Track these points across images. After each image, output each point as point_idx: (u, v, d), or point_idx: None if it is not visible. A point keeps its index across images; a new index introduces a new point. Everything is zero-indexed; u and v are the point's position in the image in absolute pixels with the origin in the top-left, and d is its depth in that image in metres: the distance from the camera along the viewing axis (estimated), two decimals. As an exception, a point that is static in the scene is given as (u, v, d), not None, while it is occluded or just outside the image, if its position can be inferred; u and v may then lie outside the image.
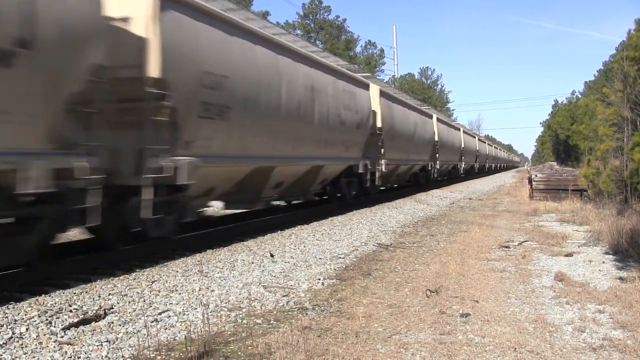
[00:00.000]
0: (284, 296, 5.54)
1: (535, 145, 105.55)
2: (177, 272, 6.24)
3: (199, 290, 5.58)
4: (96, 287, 5.45)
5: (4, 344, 3.87)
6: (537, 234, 10.31)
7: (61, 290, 5.27)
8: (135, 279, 5.82)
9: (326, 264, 7.20)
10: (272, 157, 9.54)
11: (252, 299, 5.43)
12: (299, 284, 6.08)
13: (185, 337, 4.15)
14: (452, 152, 29.17)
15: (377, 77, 37.44)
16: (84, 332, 4.23)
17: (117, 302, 4.96)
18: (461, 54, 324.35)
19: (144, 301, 5.08)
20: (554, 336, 4.42)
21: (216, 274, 6.30)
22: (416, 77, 67.09)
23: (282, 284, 6.08)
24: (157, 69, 6.49)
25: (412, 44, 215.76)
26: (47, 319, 4.36)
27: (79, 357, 3.77)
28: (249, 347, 4.05)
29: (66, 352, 3.81)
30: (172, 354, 3.90)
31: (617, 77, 15.95)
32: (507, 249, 8.56)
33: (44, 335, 4.08)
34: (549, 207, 15.07)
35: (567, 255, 8.04)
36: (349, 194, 14.09)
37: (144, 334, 4.18)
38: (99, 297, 5.08)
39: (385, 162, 15.58)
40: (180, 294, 5.40)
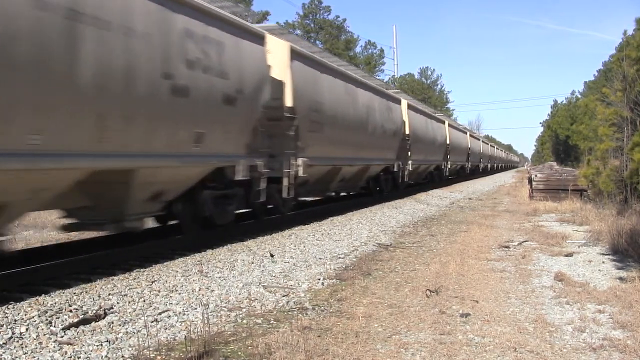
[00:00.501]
0: (284, 296, 5.54)
1: (535, 145, 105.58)
2: (177, 272, 6.24)
3: (199, 290, 5.58)
4: (96, 287, 5.45)
5: (4, 344, 3.87)
6: (537, 234, 10.31)
7: (61, 290, 5.28)
8: (135, 279, 5.82)
9: (326, 264, 7.20)
10: (342, 158, 13.04)
11: (252, 299, 5.43)
12: (299, 284, 6.08)
13: (185, 337, 4.14)
14: (460, 153, 32.41)
15: (377, 77, 37.43)
16: (84, 332, 4.23)
17: (117, 302, 4.96)
18: (461, 54, 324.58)
19: (144, 301, 5.08)
20: (554, 336, 4.42)
21: (216, 274, 6.30)
22: (416, 77, 67.14)
23: (282, 284, 6.08)
24: (290, 100, 9.93)
25: (412, 44, 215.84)
26: (47, 319, 4.36)
27: (79, 357, 3.77)
28: (249, 347, 4.05)
29: (66, 352, 3.81)
30: (172, 354, 3.90)
31: (616, 77, 15.95)
32: (507, 249, 8.57)
33: (44, 335, 4.08)
34: (549, 207, 15.07)
35: (567, 255, 8.04)
36: (386, 188, 17.49)
37: (144, 334, 4.18)
38: (99, 297, 5.08)
39: (411, 162, 19.26)
40: (180, 294, 5.41)
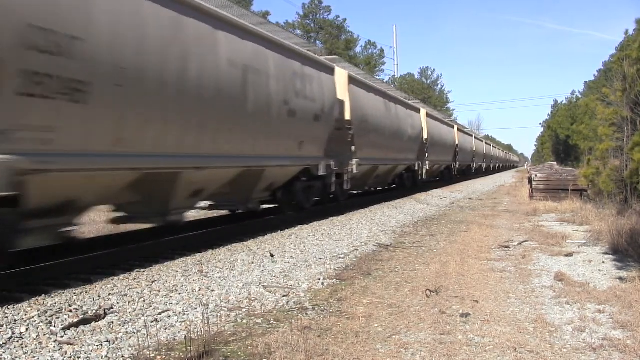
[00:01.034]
0: (284, 296, 5.54)
1: (535, 145, 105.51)
2: (177, 272, 6.24)
3: (199, 290, 5.58)
4: (96, 287, 5.45)
5: (4, 344, 3.87)
6: (537, 234, 10.31)
7: (61, 290, 5.28)
8: (135, 279, 5.83)
9: (326, 264, 7.20)
10: (379, 158, 15.95)
11: (252, 299, 5.43)
12: (299, 284, 6.08)
13: (185, 337, 4.15)
14: (466, 154, 30.10)
15: (377, 77, 37.39)
16: (84, 332, 4.23)
17: (117, 302, 4.96)
18: (461, 54, 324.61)
19: (144, 301, 5.08)
20: (554, 336, 4.42)
21: (216, 274, 6.30)
22: (416, 77, 67.17)
23: (282, 284, 6.08)
24: (348, 115, 13.22)
25: (412, 44, 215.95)
26: (47, 319, 4.36)
27: (79, 357, 3.77)
28: (249, 347, 4.05)
29: (66, 352, 3.81)
30: (172, 354, 3.90)
31: (616, 77, 15.95)
32: (507, 249, 8.56)
33: (44, 335, 4.09)
34: (549, 207, 15.07)
35: (567, 255, 8.04)
36: (408, 184, 15.08)
37: (144, 334, 4.18)
38: (99, 297, 5.08)
39: (428, 162, 16.14)
40: (180, 294, 5.41)
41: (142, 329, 4.31)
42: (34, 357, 3.73)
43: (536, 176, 18.36)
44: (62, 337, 4.08)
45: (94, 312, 4.62)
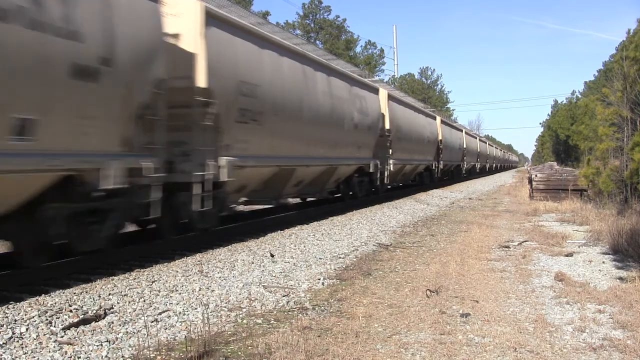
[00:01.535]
0: (284, 296, 5.54)
1: (535, 145, 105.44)
2: (177, 272, 6.24)
3: (199, 290, 5.58)
4: (96, 287, 5.45)
5: (4, 344, 3.87)
6: (537, 234, 10.31)
7: (61, 290, 5.28)
8: (135, 279, 5.83)
9: (326, 264, 7.20)
10: (403, 159, 18.46)
11: (252, 299, 5.43)
12: (299, 284, 6.08)
13: (185, 337, 4.14)
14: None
15: (377, 77, 37.44)
16: (84, 332, 4.23)
17: (117, 302, 4.96)
18: (461, 54, 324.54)
19: (144, 301, 5.08)
20: (554, 336, 4.42)
21: (216, 274, 6.30)
22: (416, 77, 67.13)
23: (282, 284, 6.08)
24: (388, 125, 16.70)
25: (412, 44, 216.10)
26: (47, 319, 4.36)
27: (79, 357, 3.77)
28: (249, 347, 4.05)
29: (66, 352, 3.81)
30: (172, 354, 3.90)
31: (616, 77, 15.95)
32: (507, 249, 8.56)
33: (44, 335, 4.08)
34: (549, 207, 15.07)
35: (567, 255, 8.04)
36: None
37: (144, 334, 4.18)
38: (99, 297, 5.08)
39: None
40: (180, 294, 5.40)
41: (142, 329, 4.31)
42: (34, 357, 3.73)
43: (536, 176, 18.36)
44: (62, 337, 4.08)
45: (94, 312, 4.62)
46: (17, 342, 3.92)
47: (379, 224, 11.53)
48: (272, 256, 7.41)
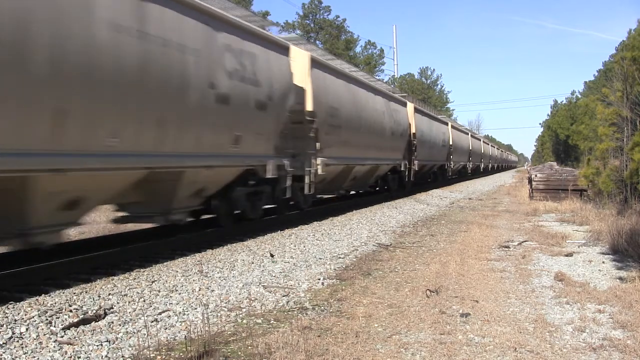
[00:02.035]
0: (284, 296, 5.54)
1: (535, 145, 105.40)
2: (177, 272, 6.24)
3: (199, 290, 5.58)
4: (96, 287, 5.45)
5: (4, 343, 3.87)
6: (537, 234, 10.31)
7: (61, 290, 5.28)
8: (135, 279, 5.83)
9: (326, 264, 7.20)
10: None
11: (252, 298, 5.43)
12: (299, 284, 6.08)
13: (185, 337, 4.15)
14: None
15: (377, 77, 37.46)
16: (84, 332, 4.23)
17: (117, 302, 4.96)
18: (461, 54, 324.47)
19: (144, 301, 5.08)
20: (554, 336, 4.42)
21: (216, 273, 6.30)
22: (416, 77, 67.13)
23: (282, 284, 6.08)
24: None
25: (412, 44, 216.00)
26: (47, 319, 4.36)
27: (79, 357, 3.77)
28: (249, 347, 4.05)
29: (66, 352, 3.81)
30: (172, 354, 3.90)
31: (616, 77, 15.95)
32: (507, 249, 8.56)
33: (44, 335, 4.08)
34: (549, 207, 15.07)
35: (567, 255, 8.04)
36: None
37: (144, 334, 4.18)
38: (99, 297, 5.08)
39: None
40: (180, 293, 5.41)
41: (142, 329, 4.31)
42: (34, 357, 3.73)
43: (536, 176, 18.36)
44: (62, 337, 4.08)
45: (94, 312, 4.61)
46: (17, 342, 3.92)
47: (379, 224, 11.53)
48: (272, 256, 7.42)
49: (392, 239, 9.69)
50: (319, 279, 6.29)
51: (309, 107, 10.94)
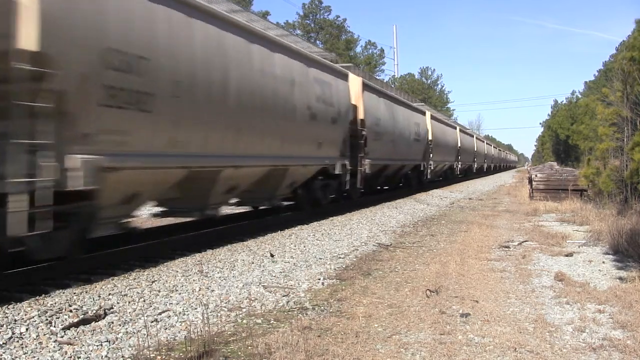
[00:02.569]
0: (284, 296, 5.54)
1: (535, 145, 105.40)
2: (177, 272, 6.24)
3: (199, 290, 5.58)
4: (96, 287, 5.45)
5: (4, 343, 3.87)
6: (537, 234, 10.30)
7: (61, 290, 5.28)
8: (135, 279, 5.83)
9: (326, 264, 7.20)
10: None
11: (252, 298, 5.43)
12: (299, 284, 6.08)
13: (185, 337, 4.15)
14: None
15: (377, 77, 37.44)
16: (84, 332, 4.23)
17: (117, 302, 4.96)
18: (461, 54, 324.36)
19: (144, 301, 5.08)
20: (554, 336, 4.42)
21: (216, 274, 6.30)
22: (416, 77, 67.16)
23: (282, 284, 6.08)
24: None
25: (412, 44, 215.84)
26: (47, 319, 4.36)
27: (79, 357, 3.77)
28: (249, 347, 4.05)
29: (66, 352, 3.81)
30: (172, 354, 3.90)
31: (617, 77, 15.94)
32: (507, 249, 8.56)
33: (44, 335, 4.09)
34: (549, 207, 15.07)
35: (567, 255, 8.04)
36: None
37: (144, 334, 4.18)
38: (99, 297, 5.08)
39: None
40: (180, 294, 5.41)
41: (142, 329, 4.31)
42: (34, 357, 3.73)
43: (536, 176, 18.36)
44: (62, 337, 4.09)
45: (94, 312, 4.62)
46: (17, 342, 3.93)
47: (379, 224, 11.53)
48: (272, 256, 7.42)
49: (392, 239, 9.69)
50: (319, 279, 6.29)
51: (361, 120, 13.86)
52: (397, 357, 3.94)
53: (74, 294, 5.15)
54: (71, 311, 4.61)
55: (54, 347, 3.89)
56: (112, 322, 4.45)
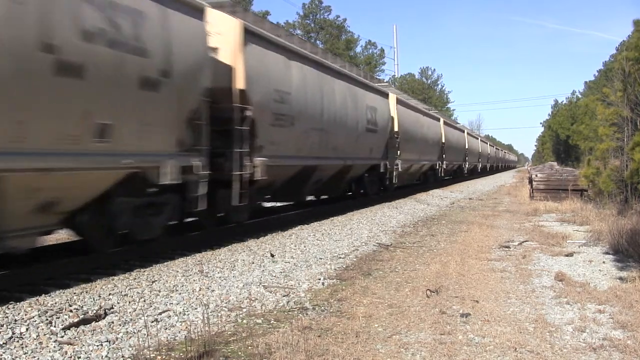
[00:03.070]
0: (284, 296, 5.54)
1: (535, 145, 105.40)
2: (178, 272, 6.24)
3: (199, 290, 5.58)
4: (96, 287, 5.45)
5: (4, 343, 3.87)
6: (538, 234, 10.30)
7: (61, 290, 5.28)
8: (135, 279, 5.83)
9: (326, 264, 7.20)
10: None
11: (253, 298, 5.43)
12: (299, 284, 6.08)
13: (185, 337, 4.15)
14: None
15: (377, 77, 37.46)
16: (84, 332, 4.23)
17: (117, 302, 4.96)
18: (461, 54, 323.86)
19: (144, 301, 5.08)
20: (554, 336, 4.42)
21: (216, 274, 6.30)
22: (416, 77, 67.18)
23: (282, 284, 6.08)
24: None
25: (412, 44, 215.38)
26: (47, 319, 4.36)
27: (79, 357, 3.77)
28: (249, 347, 4.05)
29: (66, 352, 3.81)
30: (172, 354, 3.90)
31: (617, 77, 15.94)
32: (507, 249, 8.56)
33: (44, 335, 4.09)
34: (549, 207, 15.06)
35: (567, 255, 8.03)
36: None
37: (144, 334, 4.18)
38: (99, 297, 5.08)
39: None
40: (180, 294, 5.41)
41: (142, 329, 4.31)
42: (34, 357, 3.73)
43: (536, 176, 18.35)
44: (62, 337, 4.09)
45: (94, 312, 4.62)
46: (17, 342, 3.93)
47: (379, 224, 11.53)
48: (272, 256, 7.42)
49: (393, 239, 9.69)
50: (320, 279, 6.29)
51: (396, 128, 17.70)
52: (398, 357, 3.94)
53: (74, 293, 5.15)
54: (71, 311, 4.61)
55: (54, 347, 3.90)
56: (112, 322, 4.45)
